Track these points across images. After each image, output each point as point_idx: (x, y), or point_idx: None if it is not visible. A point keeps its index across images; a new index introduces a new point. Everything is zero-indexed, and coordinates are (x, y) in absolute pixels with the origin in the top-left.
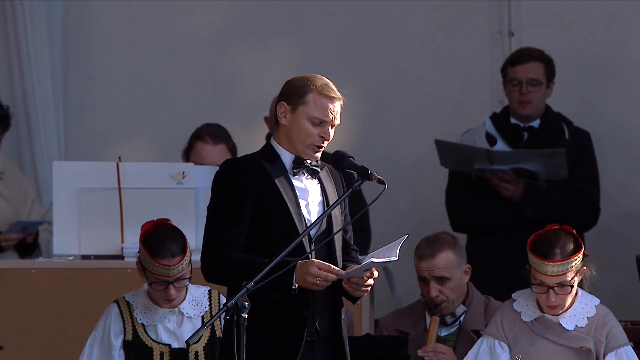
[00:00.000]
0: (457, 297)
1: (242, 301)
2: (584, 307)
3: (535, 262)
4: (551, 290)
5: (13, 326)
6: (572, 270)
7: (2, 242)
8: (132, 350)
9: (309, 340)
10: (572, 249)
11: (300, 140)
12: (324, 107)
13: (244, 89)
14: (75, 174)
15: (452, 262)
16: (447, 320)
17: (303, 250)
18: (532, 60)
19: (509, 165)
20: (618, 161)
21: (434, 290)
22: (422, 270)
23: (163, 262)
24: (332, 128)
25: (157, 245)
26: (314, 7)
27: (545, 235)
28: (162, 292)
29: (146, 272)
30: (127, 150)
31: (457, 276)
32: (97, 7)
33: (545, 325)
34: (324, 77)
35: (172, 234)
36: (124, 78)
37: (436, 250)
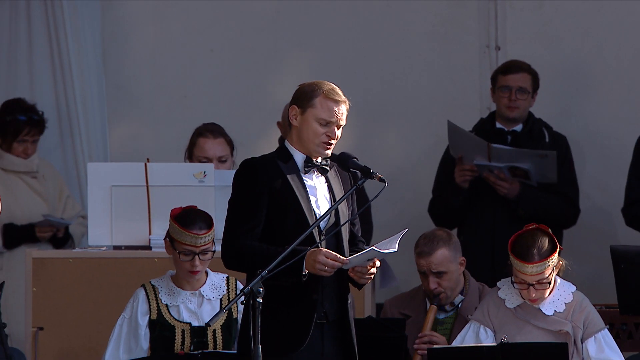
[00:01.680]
0: (454, 287)
1: (257, 287)
2: (561, 294)
3: (516, 263)
4: (531, 287)
5: (52, 309)
6: (549, 269)
7: (38, 234)
8: (156, 329)
9: (318, 323)
10: (548, 250)
11: (310, 139)
12: (330, 109)
13: (258, 97)
14: (107, 173)
15: (448, 257)
16: (447, 309)
17: (313, 241)
18: (522, 71)
19: (505, 163)
20: (594, 162)
21: (433, 283)
22: (422, 266)
23: (193, 231)
24: (339, 129)
25: (187, 219)
26: (322, 24)
27: (524, 237)
28: (188, 263)
29: (175, 243)
30: (154, 152)
31: (453, 269)
32: (128, 27)
33: (527, 310)
34: (331, 83)
35: (200, 212)
36: (151, 88)
37: (433, 248)
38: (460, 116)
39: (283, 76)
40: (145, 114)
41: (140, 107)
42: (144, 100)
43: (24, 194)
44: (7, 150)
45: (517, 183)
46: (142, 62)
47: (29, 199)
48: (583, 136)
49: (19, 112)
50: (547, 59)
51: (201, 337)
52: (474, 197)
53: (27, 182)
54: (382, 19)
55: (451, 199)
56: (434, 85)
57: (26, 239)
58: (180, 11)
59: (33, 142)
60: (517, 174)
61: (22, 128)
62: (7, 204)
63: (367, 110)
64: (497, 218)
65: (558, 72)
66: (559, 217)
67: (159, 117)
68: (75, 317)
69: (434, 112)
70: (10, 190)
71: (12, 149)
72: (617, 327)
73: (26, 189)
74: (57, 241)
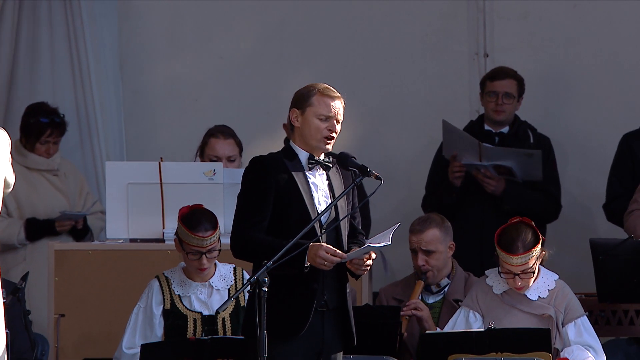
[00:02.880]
0: (441, 268)
1: (263, 277)
2: (545, 281)
3: (502, 255)
4: (517, 276)
5: (72, 298)
6: (533, 259)
7: (57, 228)
8: (170, 318)
9: (318, 311)
10: (531, 242)
11: (312, 135)
12: (327, 105)
13: (264, 101)
14: (124, 172)
15: (438, 238)
16: (433, 289)
17: (315, 234)
18: (508, 77)
19: (494, 162)
20: (575, 161)
21: (421, 260)
22: (413, 243)
23: (198, 234)
24: (338, 123)
25: (193, 221)
26: (324, 34)
27: (508, 230)
28: (196, 262)
29: (183, 244)
30: (167, 152)
31: (442, 249)
32: (143, 37)
33: (513, 296)
34: (324, 83)
35: (205, 212)
36: (164, 92)
37: (425, 227)
38: (451, 119)
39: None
40: (159, 117)
41: (154, 110)
42: (158, 104)
43: (45, 190)
44: (31, 150)
45: (503, 180)
46: (156, 68)
47: (51, 195)
48: (565, 137)
49: (42, 115)
50: (531, 66)
51: (211, 325)
52: (464, 194)
53: (49, 180)
54: (380, 30)
55: (444, 196)
56: (427, 90)
57: (47, 232)
58: (191, 22)
59: (55, 143)
60: (502, 172)
61: (45, 130)
62: (30, 199)
63: (366, 113)
64: (485, 213)
65: (542, 78)
66: (541, 212)
67: (171, 120)
68: (94, 304)
69: (427, 115)
70: (34, 186)
71: (35, 149)
72: (595, 314)
73: (48, 185)
74: (76, 233)
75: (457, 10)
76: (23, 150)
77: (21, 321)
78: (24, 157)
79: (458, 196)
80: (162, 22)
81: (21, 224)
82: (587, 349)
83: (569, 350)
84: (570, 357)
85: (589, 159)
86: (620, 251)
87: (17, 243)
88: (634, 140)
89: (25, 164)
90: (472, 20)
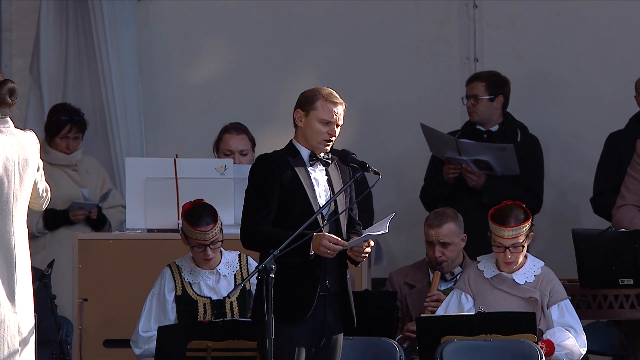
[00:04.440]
0: (455, 258)
1: (270, 264)
2: (532, 267)
3: (495, 228)
4: (507, 249)
5: (94, 284)
6: (523, 234)
7: (71, 217)
8: (182, 303)
9: (321, 295)
10: (522, 218)
11: (313, 137)
12: (330, 111)
13: (271, 101)
14: (142, 167)
15: (454, 231)
16: (447, 277)
17: (318, 225)
18: (474, 80)
19: (471, 157)
20: (559, 157)
21: (438, 252)
22: (430, 236)
23: (200, 229)
24: (338, 127)
25: (194, 217)
26: (326, 40)
27: (502, 208)
28: (201, 254)
29: (188, 239)
30: (182, 149)
31: (457, 242)
32: (160, 42)
33: (502, 280)
34: (329, 88)
35: (205, 208)
36: (180, 94)
37: (442, 221)
38: (444, 118)
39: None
40: (175, 116)
41: (171, 110)
42: (174, 105)
43: (65, 184)
44: (52, 147)
45: (483, 175)
46: (172, 72)
47: (70, 188)
48: (550, 136)
49: (62, 114)
50: (518, 69)
51: (220, 309)
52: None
53: (69, 174)
54: (378, 36)
55: (439, 191)
56: (422, 92)
57: (64, 221)
58: (204, 29)
59: (74, 139)
60: (482, 167)
61: (64, 126)
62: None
63: (365, 113)
64: (469, 205)
65: (528, 81)
66: None
67: (186, 119)
68: (115, 289)
69: (422, 115)
70: (54, 181)
71: (56, 145)
72: (577, 299)
73: (68, 180)
74: (92, 223)
75: (449, 19)
76: (46, 147)
77: (47, 305)
78: (46, 154)
79: (450, 191)
80: (177, 29)
81: (40, 214)
82: (568, 329)
83: (551, 332)
84: (553, 338)
85: (573, 156)
86: (600, 241)
87: (37, 232)
88: (620, 138)
89: (48, 160)
90: (464, 27)
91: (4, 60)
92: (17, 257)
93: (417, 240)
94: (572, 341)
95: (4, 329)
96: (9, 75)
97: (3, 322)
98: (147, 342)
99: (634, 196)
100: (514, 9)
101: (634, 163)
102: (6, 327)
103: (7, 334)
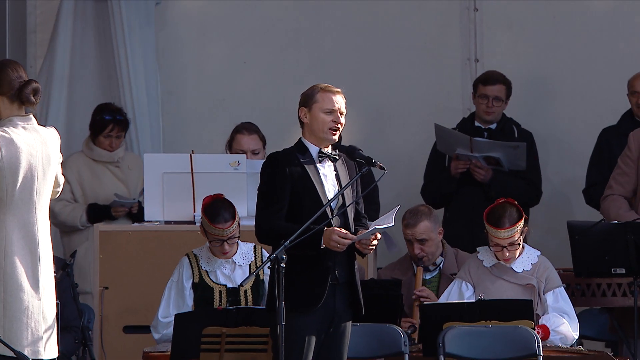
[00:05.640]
0: (434, 251)
1: (281, 255)
2: (529, 256)
3: (491, 230)
4: (504, 248)
5: (115, 272)
6: (517, 233)
7: (113, 213)
8: (198, 290)
9: (331, 285)
10: (516, 217)
11: (320, 128)
12: (330, 99)
13: (282, 101)
14: (160, 162)
15: (429, 227)
16: (430, 268)
17: (327, 218)
18: (498, 83)
19: (482, 153)
20: (555, 153)
21: (417, 249)
22: (407, 235)
23: (218, 226)
24: (342, 115)
25: (213, 214)
26: (334, 43)
27: (496, 208)
28: (219, 248)
29: (207, 233)
30: (197, 145)
31: (434, 237)
32: (178, 44)
33: (500, 269)
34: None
35: (224, 204)
36: (196, 93)
37: (417, 220)
38: (445, 116)
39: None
40: (191, 114)
41: (187, 109)
42: (190, 104)
43: (107, 179)
44: (96, 144)
45: (491, 170)
46: (188, 72)
47: (112, 184)
48: (546, 132)
49: (106, 113)
50: (516, 69)
51: (235, 296)
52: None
53: (111, 170)
54: (384, 39)
55: (444, 186)
56: (425, 91)
57: (106, 216)
58: (218, 31)
59: (117, 138)
60: (490, 163)
61: (107, 125)
62: (93, 187)
63: (371, 112)
64: (475, 198)
65: (525, 80)
66: (524, 198)
67: (201, 117)
68: (134, 278)
69: (425, 113)
70: (97, 176)
71: (99, 142)
72: (572, 287)
73: (110, 175)
74: (134, 216)
75: (451, 21)
76: (91, 145)
77: (70, 293)
78: (90, 151)
79: (457, 186)
80: (193, 31)
81: (84, 208)
82: (562, 315)
83: (546, 318)
84: (548, 324)
85: (567, 151)
86: (593, 232)
87: (80, 225)
88: (611, 134)
89: (92, 157)
90: (465, 30)
91: (29, 61)
92: (40, 247)
93: None
94: (566, 327)
95: (27, 316)
96: (34, 75)
97: (27, 309)
98: (166, 327)
99: (620, 187)
100: (512, 12)
101: (624, 156)
102: (30, 314)
103: (32, 321)
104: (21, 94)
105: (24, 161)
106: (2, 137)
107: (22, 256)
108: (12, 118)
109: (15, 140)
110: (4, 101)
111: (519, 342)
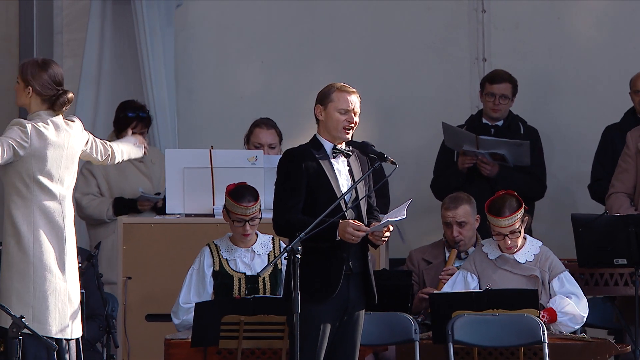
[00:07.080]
0: (470, 237)
1: (296, 246)
2: (531, 247)
3: (492, 219)
4: (506, 237)
5: (138, 263)
6: (518, 221)
7: (139, 207)
8: (218, 278)
9: (345, 275)
10: (515, 206)
11: (334, 127)
12: (345, 100)
13: (297, 98)
14: (181, 157)
15: (469, 212)
16: (462, 256)
17: (341, 211)
18: (505, 81)
19: (488, 150)
20: (559, 149)
21: (456, 232)
22: (447, 217)
23: (242, 204)
24: (356, 115)
25: (238, 194)
26: (346, 42)
27: (496, 200)
28: (240, 228)
29: (230, 213)
30: (216, 141)
31: (472, 221)
32: (196, 44)
33: (504, 260)
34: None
35: (248, 187)
36: (214, 91)
37: (458, 203)
38: (454, 113)
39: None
40: (210, 111)
41: (205, 106)
42: (209, 101)
43: (132, 174)
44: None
45: (497, 165)
46: (207, 71)
47: (136, 178)
48: (550, 129)
49: (129, 110)
50: (522, 68)
51: (254, 284)
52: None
53: (136, 165)
54: (395, 39)
55: (452, 180)
56: (434, 89)
57: (131, 209)
58: (236, 32)
59: (140, 134)
60: (496, 158)
61: (130, 122)
62: (119, 182)
63: (382, 109)
64: (482, 192)
65: (530, 78)
66: (529, 192)
67: (220, 114)
68: (156, 268)
69: (434, 110)
70: (122, 171)
71: None
72: (576, 277)
73: (135, 170)
74: (159, 210)
75: (460, 22)
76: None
77: (94, 283)
78: None
79: (464, 180)
80: (212, 31)
81: (110, 202)
82: (569, 296)
83: (552, 300)
84: (554, 306)
85: (571, 147)
86: (596, 224)
87: (107, 218)
88: (615, 131)
89: None
90: (473, 30)
91: (56, 61)
92: (66, 232)
93: (430, 225)
94: (572, 307)
95: (55, 297)
96: None
97: (55, 291)
98: (186, 312)
99: (622, 185)
100: (518, 13)
101: (624, 154)
102: (57, 295)
103: (59, 301)
104: (55, 102)
105: (50, 152)
106: (32, 130)
107: (49, 241)
108: (39, 113)
109: (44, 133)
110: (37, 99)
111: (525, 329)
